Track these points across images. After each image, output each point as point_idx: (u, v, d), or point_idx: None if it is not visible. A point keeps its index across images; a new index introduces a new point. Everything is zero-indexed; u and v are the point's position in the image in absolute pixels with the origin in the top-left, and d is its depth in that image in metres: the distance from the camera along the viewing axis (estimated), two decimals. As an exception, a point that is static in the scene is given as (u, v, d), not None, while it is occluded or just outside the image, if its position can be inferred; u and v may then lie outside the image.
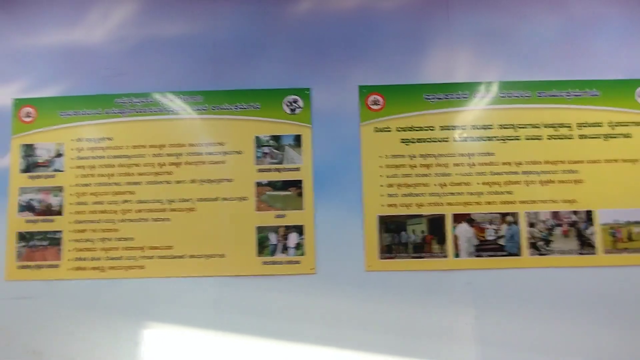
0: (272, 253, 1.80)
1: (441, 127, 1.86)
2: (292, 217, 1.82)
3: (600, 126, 1.84)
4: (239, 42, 1.92)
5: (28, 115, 1.91)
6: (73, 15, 1.94)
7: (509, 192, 1.81)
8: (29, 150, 1.89)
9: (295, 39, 1.92)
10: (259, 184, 1.84)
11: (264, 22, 1.93)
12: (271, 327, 1.77)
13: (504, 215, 1.80)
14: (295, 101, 1.88)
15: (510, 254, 1.78)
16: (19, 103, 1.91)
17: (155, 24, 1.94)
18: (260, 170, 1.85)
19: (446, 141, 1.86)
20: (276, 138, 1.86)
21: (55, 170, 1.87)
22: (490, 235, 1.79)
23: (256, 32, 1.93)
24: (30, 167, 1.88)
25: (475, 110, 1.87)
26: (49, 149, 1.89)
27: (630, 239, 1.78)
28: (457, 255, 1.79)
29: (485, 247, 1.79)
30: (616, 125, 1.84)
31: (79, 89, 1.91)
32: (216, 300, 1.79)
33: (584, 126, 1.84)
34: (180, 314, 1.79)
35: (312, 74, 1.91)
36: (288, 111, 1.88)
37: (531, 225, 1.79)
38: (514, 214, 1.80)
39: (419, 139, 1.86)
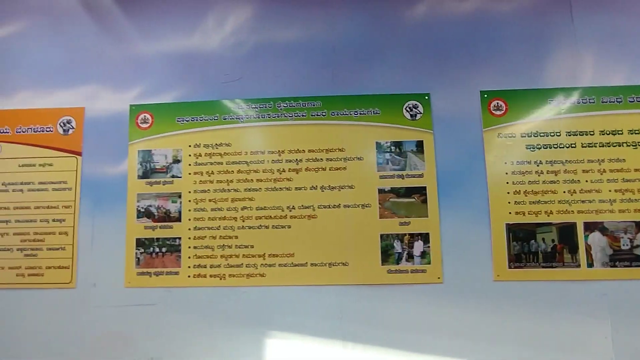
0: (397, 261, 1.76)
1: (567, 132, 1.81)
2: (416, 225, 1.77)
3: None
4: (357, 47, 1.89)
5: (145, 121, 1.91)
6: (190, 22, 1.94)
7: (643, 200, 1.75)
8: (146, 156, 1.88)
9: (413, 44, 1.89)
10: (381, 191, 1.80)
11: (382, 26, 1.90)
12: (397, 337, 1.73)
13: (639, 224, 1.73)
14: (415, 106, 1.84)
15: (647, 265, 1.72)
16: (136, 109, 1.91)
17: (272, 29, 1.92)
18: (382, 177, 1.81)
19: (573, 147, 1.80)
20: (397, 144, 1.83)
21: (173, 177, 1.87)
22: (625, 244, 1.72)
23: (374, 37, 1.90)
24: (148, 173, 1.87)
25: (603, 115, 1.81)
26: (167, 154, 1.88)
27: None
28: (590, 265, 1.72)
29: (620, 257, 1.72)
30: None
31: (196, 94, 1.91)
32: (340, 309, 1.75)
33: None
34: (302, 323, 1.76)
35: (431, 79, 1.87)
36: (408, 117, 1.84)
37: (669, 234, 1.72)
38: (650, 223, 1.73)
39: (544, 144, 1.80)
